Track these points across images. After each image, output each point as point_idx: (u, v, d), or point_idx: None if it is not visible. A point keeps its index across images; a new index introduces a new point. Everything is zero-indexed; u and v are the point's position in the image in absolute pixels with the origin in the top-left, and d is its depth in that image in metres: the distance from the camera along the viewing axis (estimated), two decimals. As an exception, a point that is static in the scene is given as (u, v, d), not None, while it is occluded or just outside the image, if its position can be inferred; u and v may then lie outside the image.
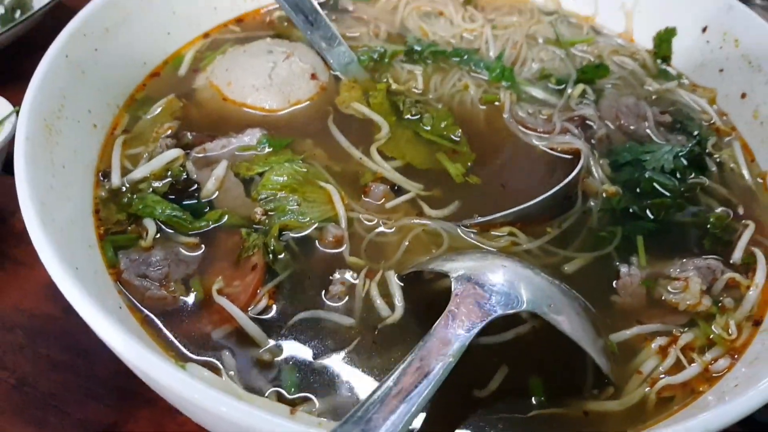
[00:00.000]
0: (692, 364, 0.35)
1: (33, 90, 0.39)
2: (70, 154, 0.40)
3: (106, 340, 0.29)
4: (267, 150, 0.44)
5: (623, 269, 0.39)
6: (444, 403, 0.31)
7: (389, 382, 0.28)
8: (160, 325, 0.34)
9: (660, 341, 0.36)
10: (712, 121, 0.49)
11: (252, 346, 0.34)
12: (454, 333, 0.30)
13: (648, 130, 0.47)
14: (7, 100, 0.51)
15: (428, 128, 0.46)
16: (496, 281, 0.33)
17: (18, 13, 0.67)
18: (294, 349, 0.35)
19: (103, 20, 0.45)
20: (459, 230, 0.40)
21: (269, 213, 0.40)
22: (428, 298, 0.35)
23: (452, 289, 0.33)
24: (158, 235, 0.39)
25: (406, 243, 0.39)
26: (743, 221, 0.42)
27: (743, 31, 0.48)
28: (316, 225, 0.40)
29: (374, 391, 0.27)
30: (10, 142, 0.48)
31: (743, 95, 0.48)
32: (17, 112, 0.48)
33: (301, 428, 0.26)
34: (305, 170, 0.42)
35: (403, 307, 0.36)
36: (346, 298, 0.37)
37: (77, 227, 0.37)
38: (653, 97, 0.51)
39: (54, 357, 0.44)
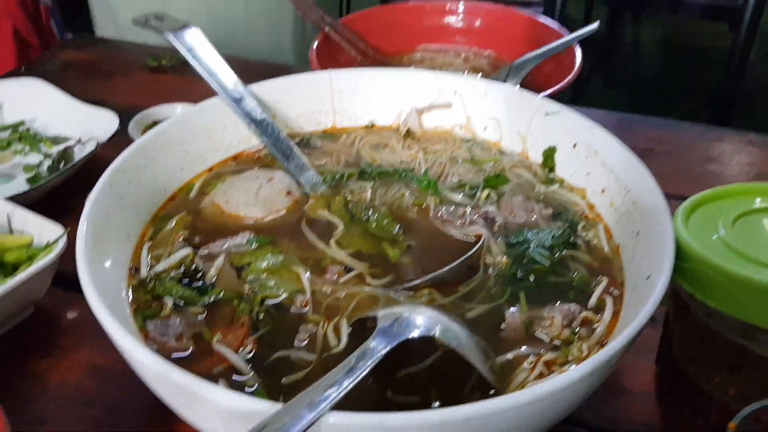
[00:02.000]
0: (552, 374, 0.49)
1: (88, 209, 0.55)
2: (113, 255, 0.56)
3: (140, 360, 0.44)
4: (254, 246, 0.60)
5: (508, 314, 0.54)
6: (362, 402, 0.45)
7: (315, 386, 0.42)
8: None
9: (531, 360, 0.51)
10: (582, 212, 0.65)
11: (239, 375, 0.49)
12: (375, 349, 0.45)
13: (534, 219, 0.64)
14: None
15: (374, 225, 0.63)
16: (411, 318, 0.48)
17: (62, 164, 0.86)
18: (269, 375, 0.49)
19: (136, 160, 0.63)
20: (392, 293, 0.56)
21: (254, 289, 0.56)
22: (367, 336, 0.49)
23: (378, 324, 0.48)
24: (174, 308, 0.54)
25: (354, 303, 0.55)
26: (599, 277, 0.58)
27: (599, 144, 0.65)
28: (287, 295, 0.55)
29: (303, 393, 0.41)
30: (60, 257, 0.65)
31: (603, 191, 0.65)
32: (67, 234, 0.65)
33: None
34: (282, 259, 0.58)
35: (346, 341, 0.51)
36: (308, 340, 0.52)
37: (118, 305, 0.53)
38: (541, 197, 0.67)
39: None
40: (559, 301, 0.55)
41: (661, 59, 3.60)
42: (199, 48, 0.72)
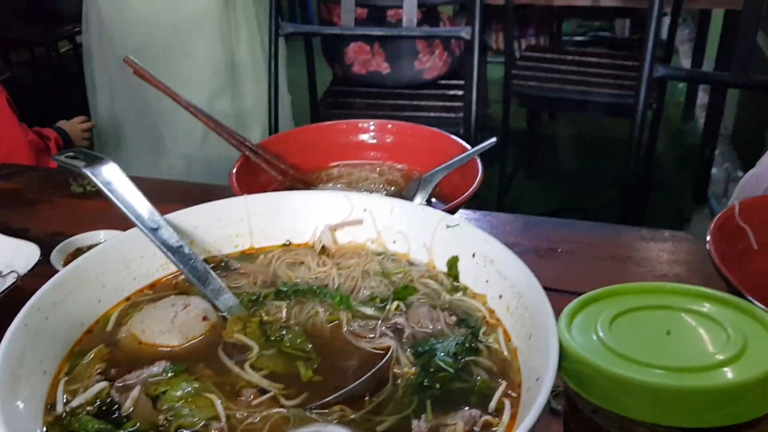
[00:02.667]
0: (456, 479, 0.52)
1: (2, 349, 0.57)
2: (28, 394, 0.57)
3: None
4: (169, 375, 0.62)
5: (415, 424, 0.57)
6: None
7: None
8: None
9: (436, 467, 0.53)
10: (484, 317, 0.70)
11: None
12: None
13: (440, 327, 0.68)
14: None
15: (288, 344, 0.66)
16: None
17: (-18, 297, 0.86)
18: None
19: (52, 297, 0.64)
20: (305, 413, 0.58)
21: (169, 418, 0.58)
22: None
23: (286, 445, 0.50)
24: (91, 443, 0.55)
25: (267, 427, 0.57)
26: (499, 380, 0.62)
27: (494, 253, 0.71)
28: (203, 423, 0.57)
29: None
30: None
31: (500, 296, 0.70)
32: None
33: None
34: (196, 386, 0.60)
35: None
36: (223, 466, 0.54)
37: (32, 445, 0.54)
38: (446, 305, 0.72)
39: None
40: (462, 407, 0.59)
41: (579, 153, 3.82)
42: (116, 181, 0.75)
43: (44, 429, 0.57)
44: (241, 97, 2.17)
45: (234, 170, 0.99)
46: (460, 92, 2.67)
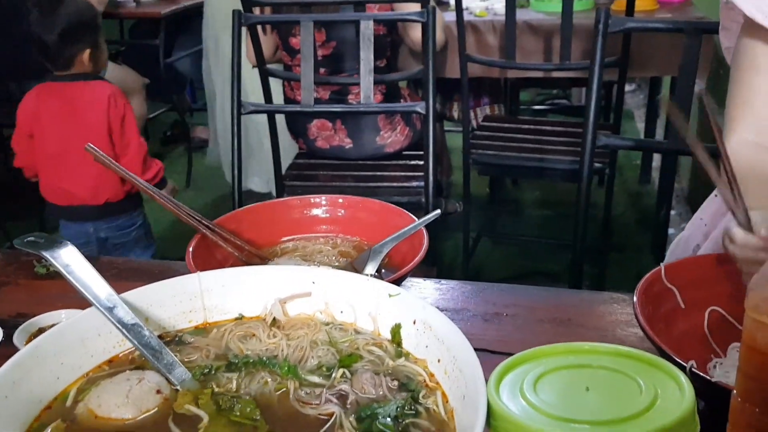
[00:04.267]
0: None
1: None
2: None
3: None
4: (123, 448, 0.65)
5: (355, 484, 0.61)
6: None
7: None
8: None
9: None
10: (424, 380, 0.75)
11: None
12: None
13: (382, 392, 0.73)
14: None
15: (238, 414, 0.70)
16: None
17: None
18: None
19: (11, 376, 0.68)
20: (251, 478, 0.62)
21: (122, 488, 0.61)
22: None
23: None
24: None
25: (215, 492, 0.60)
26: (436, 441, 0.66)
27: (432, 319, 0.76)
28: (154, 490, 0.60)
29: None
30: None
31: (439, 360, 0.75)
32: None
33: None
34: (149, 456, 0.64)
35: None
36: None
37: None
38: (389, 371, 0.77)
39: None
40: (400, 469, 0.63)
41: (541, 217, 3.93)
42: (74, 264, 0.80)
43: (0, 505, 0.59)
44: None
45: (190, 248, 1.04)
46: (422, 162, 2.77)
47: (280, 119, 2.70)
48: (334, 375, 0.76)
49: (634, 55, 2.77)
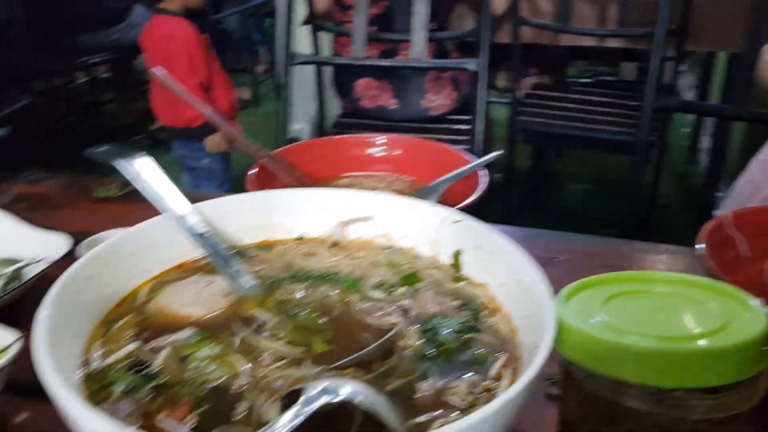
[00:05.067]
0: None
1: (46, 307, 0.62)
2: (66, 350, 0.63)
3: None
4: (195, 339, 0.67)
5: (420, 386, 0.62)
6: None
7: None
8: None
9: (440, 421, 0.58)
10: (485, 302, 0.75)
11: (183, 445, 0.55)
12: (302, 411, 0.52)
13: (443, 310, 0.74)
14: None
15: (302, 319, 0.71)
16: (336, 386, 0.56)
17: (13, 285, 0.92)
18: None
19: (87, 270, 0.70)
20: (319, 374, 0.63)
21: (195, 375, 0.63)
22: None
23: (306, 393, 0.55)
24: (122, 393, 0.60)
25: (286, 384, 0.62)
26: (499, 354, 0.67)
27: (497, 245, 0.76)
28: (227, 378, 0.62)
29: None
30: (12, 363, 0.70)
31: (501, 284, 0.75)
32: (24, 337, 0.71)
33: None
34: (220, 349, 0.66)
35: (279, 414, 0.57)
36: (244, 415, 0.58)
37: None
38: (450, 292, 0.77)
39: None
40: (463, 374, 0.64)
41: (583, 192, 3.89)
42: (146, 173, 0.81)
43: (80, 383, 0.62)
44: None
45: (251, 174, 1.06)
46: (466, 127, 2.75)
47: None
48: (395, 291, 0.77)
49: (692, 28, 2.71)
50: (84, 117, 4.74)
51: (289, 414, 0.51)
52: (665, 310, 0.64)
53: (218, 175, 2.83)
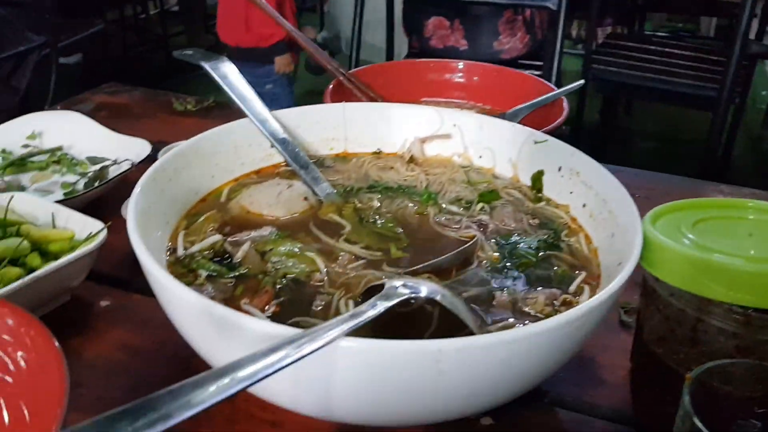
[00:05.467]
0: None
1: (137, 194, 0.63)
2: (154, 234, 0.64)
3: (185, 299, 0.51)
4: (275, 236, 0.68)
5: (498, 294, 0.62)
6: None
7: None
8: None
9: (518, 327, 0.58)
10: (566, 223, 0.74)
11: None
12: (383, 303, 0.52)
13: (522, 227, 0.73)
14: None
15: (380, 227, 0.72)
16: (416, 284, 0.56)
17: (97, 182, 0.95)
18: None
19: (174, 164, 0.71)
20: (397, 275, 0.63)
21: (276, 267, 0.64)
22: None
23: (385, 286, 0.55)
24: (207, 278, 0.62)
25: (362, 282, 0.62)
26: (578, 272, 0.66)
27: (581, 166, 0.75)
28: (306, 273, 0.63)
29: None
30: (99, 249, 0.72)
31: (584, 205, 0.73)
32: (108, 228, 0.73)
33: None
34: (300, 246, 0.66)
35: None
36: (323, 308, 0.59)
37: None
38: (529, 211, 0.76)
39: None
40: (542, 287, 0.63)
41: (652, 149, 3.76)
42: (231, 77, 0.82)
43: (166, 266, 0.63)
44: None
45: (329, 89, 1.05)
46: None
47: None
48: (473, 207, 0.76)
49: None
50: (153, 48, 4.81)
51: (369, 305, 0.51)
52: (756, 235, 0.62)
53: (282, 100, 2.81)
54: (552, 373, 0.55)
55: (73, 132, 1.05)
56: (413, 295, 0.54)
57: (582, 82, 1.04)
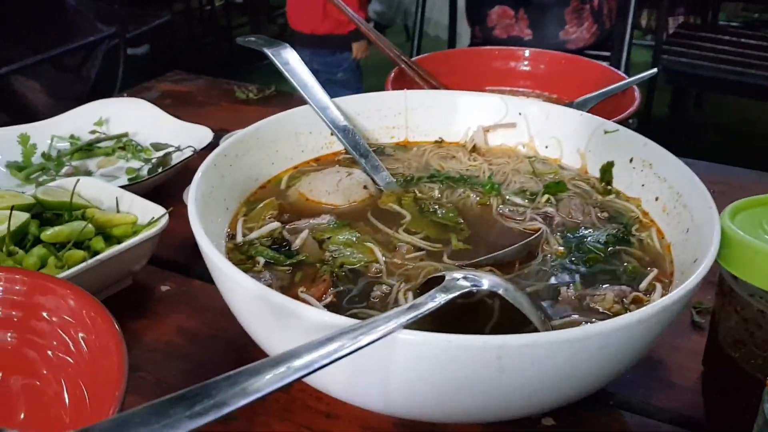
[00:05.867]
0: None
1: (198, 179, 0.63)
2: (214, 220, 0.64)
3: (243, 285, 0.50)
4: (334, 225, 0.67)
5: (563, 290, 0.59)
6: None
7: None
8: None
9: (584, 324, 0.55)
10: (636, 217, 0.70)
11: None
12: (443, 296, 0.50)
13: (590, 220, 0.69)
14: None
15: (440, 216, 0.70)
16: (477, 276, 0.54)
17: (160, 169, 0.96)
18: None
19: (234, 150, 0.71)
20: (457, 267, 0.62)
21: (334, 256, 0.63)
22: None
23: (446, 278, 0.53)
24: (265, 265, 0.61)
25: (421, 274, 0.61)
26: (650, 268, 0.62)
27: (654, 157, 0.71)
28: (364, 262, 0.62)
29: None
30: (160, 235, 0.73)
31: (657, 198, 0.70)
32: (169, 213, 0.74)
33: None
34: (358, 236, 0.65)
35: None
36: (380, 299, 0.58)
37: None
38: (597, 203, 0.73)
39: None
40: (610, 284, 0.60)
41: (722, 145, 3.61)
42: (292, 63, 0.81)
43: (225, 252, 0.63)
44: None
45: (390, 76, 1.04)
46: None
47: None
48: (538, 199, 0.73)
49: None
50: (217, 39, 4.89)
51: (428, 297, 0.49)
52: None
53: (353, 87, 2.80)
54: (619, 375, 0.52)
55: (138, 119, 1.06)
56: (474, 288, 0.52)
57: (655, 70, 0.99)
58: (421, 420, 0.55)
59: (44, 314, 0.55)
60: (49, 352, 0.54)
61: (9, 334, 0.55)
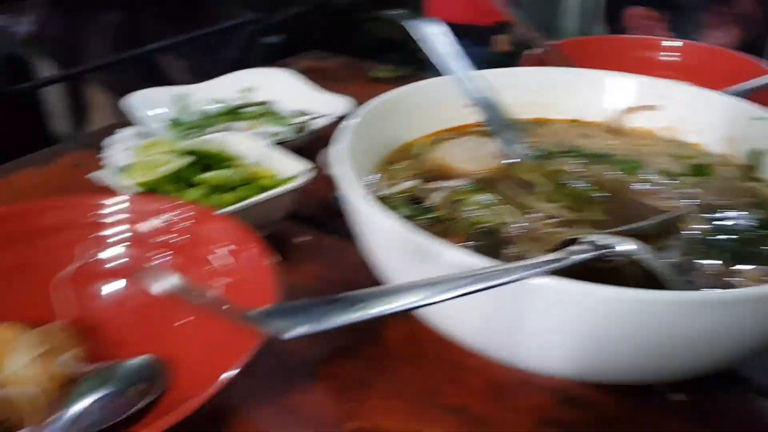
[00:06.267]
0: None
1: (350, 130, 0.67)
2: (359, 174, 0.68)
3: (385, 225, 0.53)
4: (469, 188, 0.69)
5: (704, 265, 0.58)
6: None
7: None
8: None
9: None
10: (786, 202, 0.67)
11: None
12: (583, 252, 0.51)
13: (734, 203, 0.67)
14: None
15: (576, 190, 0.70)
16: (620, 239, 0.54)
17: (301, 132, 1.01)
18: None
19: (377, 112, 0.74)
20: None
21: (468, 215, 0.64)
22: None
23: (585, 239, 0.54)
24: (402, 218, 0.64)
25: (557, 238, 0.61)
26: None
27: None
28: (498, 223, 0.63)
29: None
30: (303, 187, 0.77)
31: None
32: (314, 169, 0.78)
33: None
34: (492, 198, 0.67)
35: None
36: (513, 260, 0.59)
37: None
38: (742, 189, 0.70)
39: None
40: (754, 264, 0.58)
41: None
42: (434, 36, 0.83)
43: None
44: None
45: (525, 60, 1.04)
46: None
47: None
48: (681, 180, 0.72)
49: None
50: (348, 30, 5.02)
51: (568, 252, 0.50)
52: None
53: None
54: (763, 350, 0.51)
55: (281, 88, 1.12)
56: (613, 250, 0.52)
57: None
58: (549, 375, 0.56)
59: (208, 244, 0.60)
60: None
61: (172, 256, 0.61)
